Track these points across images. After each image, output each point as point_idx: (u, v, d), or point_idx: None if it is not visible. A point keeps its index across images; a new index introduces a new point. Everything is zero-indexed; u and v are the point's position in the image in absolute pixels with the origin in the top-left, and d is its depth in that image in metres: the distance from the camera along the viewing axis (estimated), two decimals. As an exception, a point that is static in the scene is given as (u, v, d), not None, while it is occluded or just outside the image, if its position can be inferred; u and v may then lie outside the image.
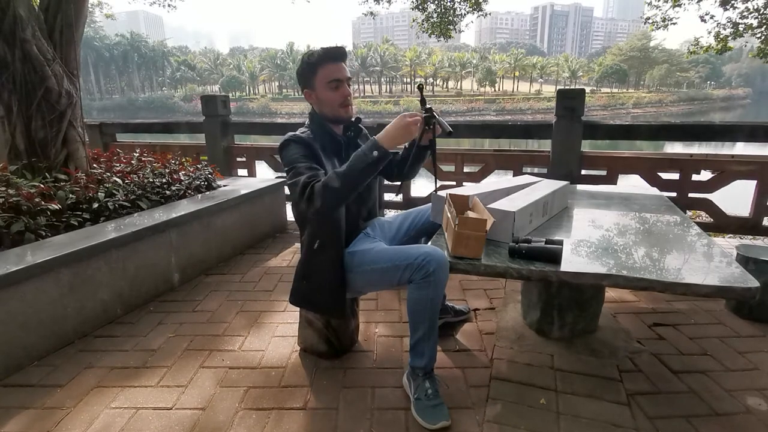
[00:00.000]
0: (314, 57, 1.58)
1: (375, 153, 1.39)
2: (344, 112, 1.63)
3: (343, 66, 1.60)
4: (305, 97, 1.66)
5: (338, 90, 1.59)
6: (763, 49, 8.15)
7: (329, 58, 1.57)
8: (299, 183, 1.43)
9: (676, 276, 1.35)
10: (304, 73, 1.62)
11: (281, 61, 68.42)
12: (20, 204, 2.16)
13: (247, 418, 1.51)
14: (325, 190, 1.39)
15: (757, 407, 1.52)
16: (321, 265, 1.62)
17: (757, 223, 3.24)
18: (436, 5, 8.09)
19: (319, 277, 1.64)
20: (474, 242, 1.45)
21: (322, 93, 1.59)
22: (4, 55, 2.67)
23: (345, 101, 1.61)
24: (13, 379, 1.74)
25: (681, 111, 59.70)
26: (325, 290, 1.64)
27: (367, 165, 1.39)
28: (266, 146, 4.44)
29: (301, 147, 1.53)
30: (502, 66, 68.78)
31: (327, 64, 1.57)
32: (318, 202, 1.39)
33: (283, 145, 1.56)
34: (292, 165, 1.50)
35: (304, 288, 1.68)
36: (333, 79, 1.58)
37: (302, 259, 1.69)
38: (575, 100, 3.35)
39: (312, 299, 1.70)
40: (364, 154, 1.40)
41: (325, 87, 1.58)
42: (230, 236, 3.08)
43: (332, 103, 1.60)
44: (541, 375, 1.69)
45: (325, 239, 1.60)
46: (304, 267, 1.68)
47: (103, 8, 8.90)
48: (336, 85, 1.58)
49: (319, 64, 1.57)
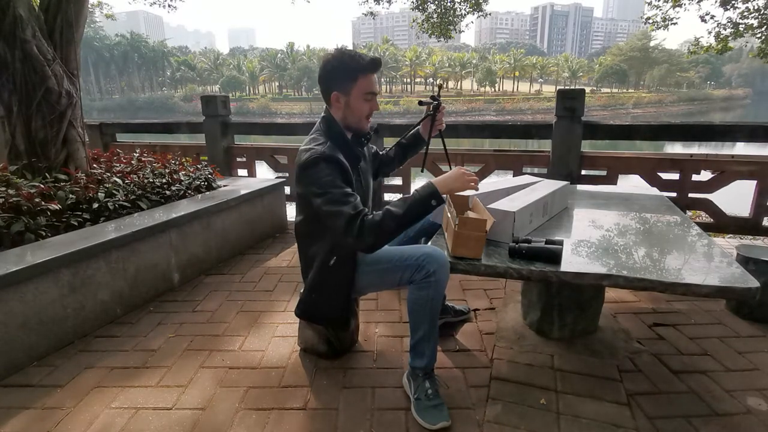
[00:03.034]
0: (359, 63, 1.49)
1: (433, 202, 1.41)
2: (366, 124, 1.61)
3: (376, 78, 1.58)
4: (330, 101, 1.56)
5: (370, 103, 1.57)
6: (764, 49, 8.16)
7: (373, 68, 1.52)
8: (343, 215, 1.38)
9: (676, 276, 1.35)
10: (340, 76, 1.51)
11: (281, 61, 68.45)
12: (20, 204, 2.16)
13: (247, 418, 1.51)
14: (380, 229, 1.38)
15: (758, 407, 1.52)
16: (333, 279, 1.61)
17: (757, 223, 3.23)
18: (436, 5, 8.10)
19: (330, 292, 1.64)
20: (474, 242, 1.45)
21: (356, 102, 1.54)
22: (4, 56, 2.67)
23: (370, 114, 1.60)
24: (13, 379, 1.74)
25: (681, 111, 59.73)
26: (333, 303, 1.65)
27: (425, 211, 1.43)
28: (266, 146, 4.44)
29: (334, 169, 1.44)
30: (502, 66, 68.80)
31: (369, 74, 1.52)
32: (370, 239, 1.38)
33: (310, 164, 1.44)
34: (327, 190, 1.41)
35: (312, 300, 1.67)
36: (370, 92, 1.55)
37: (314, 273, 1.63)
38: (575, 101, 3.35)
39: (316, 313, 1.71)
40: (422, 201, 1.41)
41: (361, 97, 1.54)
42: (230, 236, 3.08)
43: (361, 115, 1.57)
44: (541, 375, 1.69)
45: (343, 257, 1.58)
46: (316, 281, 1.63)
47: (103, 8, 8.90)
48: (371, 98, 1.56)
49: (362, 72, 1.50)
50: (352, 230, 1.37)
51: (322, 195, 1.42)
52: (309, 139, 1.55)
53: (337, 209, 1.39)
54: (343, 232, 1.39)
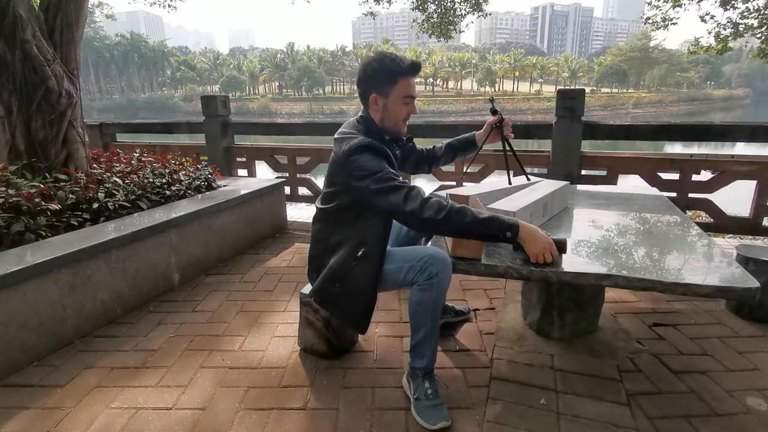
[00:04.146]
0: (400, 66, 1.49)
1: (508, 233, 1.36)
2: (403, 127, 1.60)
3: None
4: (368, 102, 1.55)
5: (408, 106, 1.56)
6: (764, 49, 8.16)
7: (413, 72, 1.51)
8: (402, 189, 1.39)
9: (676, 276, 1.35)
10: (380, 78, 1.51)
11: (281, 61, 68.41)
12: (20, 204, 2.16)
13: (247, 418, 1.51)
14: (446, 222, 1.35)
15: (758, 407, 1.52)
16: (360, 272, 1.52)
17: (757, 223, 3.23)
18: (437, 6, 8.11)
19: (355, 284, 1.54)
20: (474, 242, 1.45)
21: (395, 105, 1.53)
22: (4, 56, 2.67)
23: (408, 117, 1.59)
24: (13, 379, 1.74)
25: (681, 111, 59.74)
26: (357, 298, 1.55)
27: (492, 236, 1.39)
28: (266, 146, 4.44)
29: (380, 156, 1.45)
30: (501, 66, 68.84)
31: (410, 77, 1.52)
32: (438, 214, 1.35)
33: (356, 150, 1.44)
34: (376, 171, 1.41)
35: (334, 290, 1.57)
36: (409, 95, 1.54)
37: (339, 262, 1.54)
38: (575, 101, 3.35)
39: (341, 304, 1.59)
40: (500, 227, 1.36)
41: (400, 99, 1.52)
42: (230, 236, 3.08)
43: (398, 117, 1.56)
44: (541, 375, 1.69)
45: (373, 249, 1.51)
46: (341, 270, 1.53)
47: (103, 8, 8.90)
48: (409, 101, 1.55)
49: (403, 74, 1.50)
50: (413, 200, 1.37)
51: (370, 176, 1.41)
52: (347, 132, 1.54)
53: (392, 185, 1.40)
54: (402, 201, 1.38)
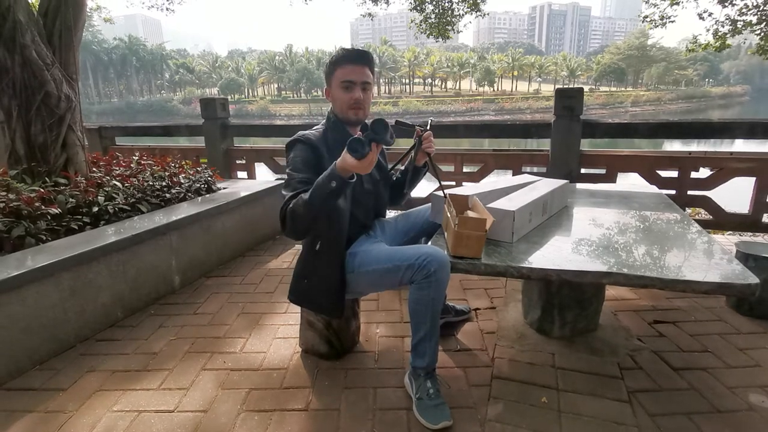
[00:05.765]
0: (337, 55, 1.62)
1: (333, 183, 1.35)
2: (352, 114, 1.62)
3: (362, 69, 1.59)
4: (325, 95, 1.73)
5: (349, 91, 1.60)
6: (762, 46, 8.16)
7: (347, 59, 1.60)
8: (285, 199, 1.47)
9: (676, 273, 1.35)
10: (326, 70, 1.67)
11: (280, 63, 68.43)
12: (20, 208, 2.16)
13: (249, 419, 1.51)
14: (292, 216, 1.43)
15: (760, 404, 1.52)
16: (322, 265, 1.63)
17: (756, 220, 3.24)
18: (434, 6, 8.11)
19: (319, 278, 1.64)
20: (474, 242, 1.46)
21: (336, 91, 1.62)
22: (4, 61, 2.68)
23: (354, 104, 1.60)
24: (15, 382, 1.74)
25: (679, 109, 59.78)
26: (325, 291, 1.64)
27: (327, 194, 1.37)
28: (266, 148, 4.44)
29: (305, 150, 1.55)
30: (500, 66, 68.83)
31: (345, 64, 1.59)
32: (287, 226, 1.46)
33: (289, 145, 1.60)
34: (289, 173, 1.53)
35: (303, 287, 1.69)
36: (346, 80, 1.59)
37: (302, 258, 1.70)
38: (574, 99, 3.36)
39: (312, 298, 1.70)
40: (323, 183, 1.38)
41: (338, 86, 1.60)
42: (230, 239, 3.08)
43: (342, 104, 1.62)
44: (542, 374, 1.70)
45: (327, 241, 1.60)
46: (305, 267, 1.69)
47: (101, 12, 8.89)
48: (348, 86, 1.59)
49: (337, 63, 1.60)
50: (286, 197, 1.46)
51: (288, 168, 1.56)
52: (315, 125, 1.70)
53: (289, 180, 1.51)
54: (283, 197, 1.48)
